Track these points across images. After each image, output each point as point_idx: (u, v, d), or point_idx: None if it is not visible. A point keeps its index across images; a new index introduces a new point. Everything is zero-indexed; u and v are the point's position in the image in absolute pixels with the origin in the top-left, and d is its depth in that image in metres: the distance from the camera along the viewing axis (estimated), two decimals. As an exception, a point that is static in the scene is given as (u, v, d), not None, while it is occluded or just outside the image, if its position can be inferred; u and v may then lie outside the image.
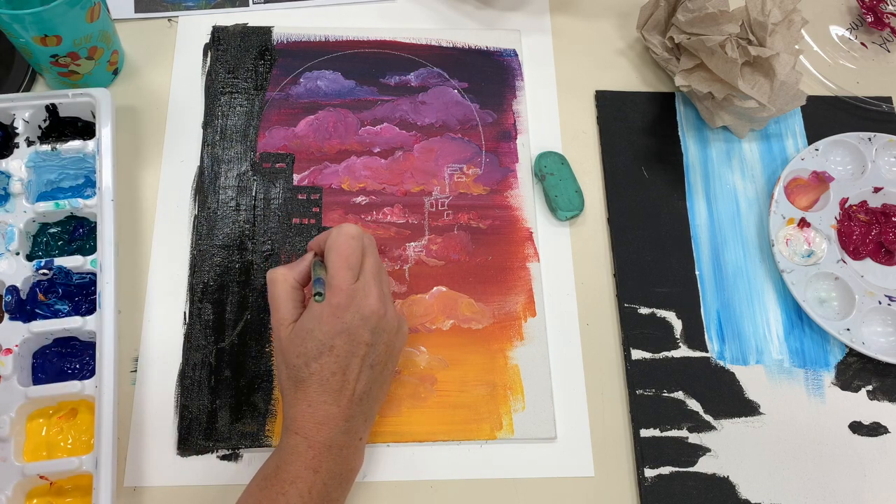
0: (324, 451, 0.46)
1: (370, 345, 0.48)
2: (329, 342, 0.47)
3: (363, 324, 0.47)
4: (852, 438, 0.58)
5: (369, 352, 0.48)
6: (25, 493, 0.51)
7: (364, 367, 0.48)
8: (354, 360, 0.47)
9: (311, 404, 0.47)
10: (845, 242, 0.63)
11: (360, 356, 0.47)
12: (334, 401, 0.47)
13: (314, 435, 0.46)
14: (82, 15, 0.56)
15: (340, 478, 0.47)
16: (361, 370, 0.47)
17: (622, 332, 0.59)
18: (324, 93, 0.66)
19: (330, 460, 0.46)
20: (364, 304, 0.47)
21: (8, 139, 0.59)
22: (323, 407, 0.46)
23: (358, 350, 0.47)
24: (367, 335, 0.47)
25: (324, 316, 0.47)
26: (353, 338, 0.47)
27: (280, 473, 0.45)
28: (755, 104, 0.62)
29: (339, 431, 0.47)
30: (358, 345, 0.47)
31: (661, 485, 0.55)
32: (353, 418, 0.47)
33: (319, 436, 0.46)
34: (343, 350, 0.47)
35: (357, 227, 0.50)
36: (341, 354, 0.47)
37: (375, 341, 0.48)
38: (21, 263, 0.55)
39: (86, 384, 0.52)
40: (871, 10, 0.74)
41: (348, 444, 0.47)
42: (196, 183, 0.62)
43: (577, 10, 0.73)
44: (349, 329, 0.47)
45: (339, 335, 0.47)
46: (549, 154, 0.65)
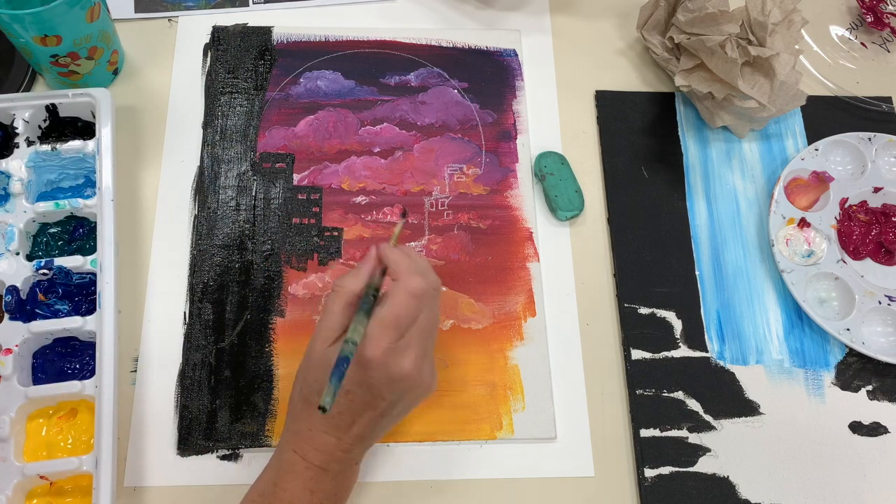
0: (320, 473, 0.45)
1: (390, 403, 0.45)
2: (347, 386, 0.44)
3: (389, 385, 0.44)
4: (852, 438, 0.58)
5: (386, 408, 0.46)
6: (25, 493, 0.51)
7: (377, 417, 0.46)
8: (368, 411, 0.45)
9: (313, 429, 0.46)
10: (845, 242, 0.63)
11: (376, 409, 0.45)
12: (336, 434, 0.45)
13: (312, 458, 0.45)
14: (82, 15, 0.56)
15: (335, 497, 0.47)
16: (373, 420, 0.46)
17: (622, 332, 0.59)
18: (324, 93, 0.66)
19: (326, 482, 0.46)
20: (396, 365, 0.44)
21: (8, 139, 0.59)
22: (323, 437, 0.45)
23: (375, 404, 0.45)
24: (389, 395, 0.45)
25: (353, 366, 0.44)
26: (373, 393, 0.45)
27: (277, 492, 0.45)
28: (755, 104, 0.62)
29: (336, 460, 0.46)
30: (376, 399, 0.45)
31: (661, 485, 0.55)
32: (352, 450, 0.46)
33: (317, 459, 0.45)
34: (359, 399, 0.45)
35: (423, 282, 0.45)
36: (356, 402, 0.45)
37: (397, 401, 0.46)
38: (21, 263, 0.55)
39: (86, 384, 0.52)
40: (871, 10, 0.74)
41: (345, 469, 0.47)
42: (196, 183, 0.62)
43: (577, 10, 0.73)
44: (371, 385, 0.44)
45: (360, 386, 0.44)
46: (549, 154, 0.65)
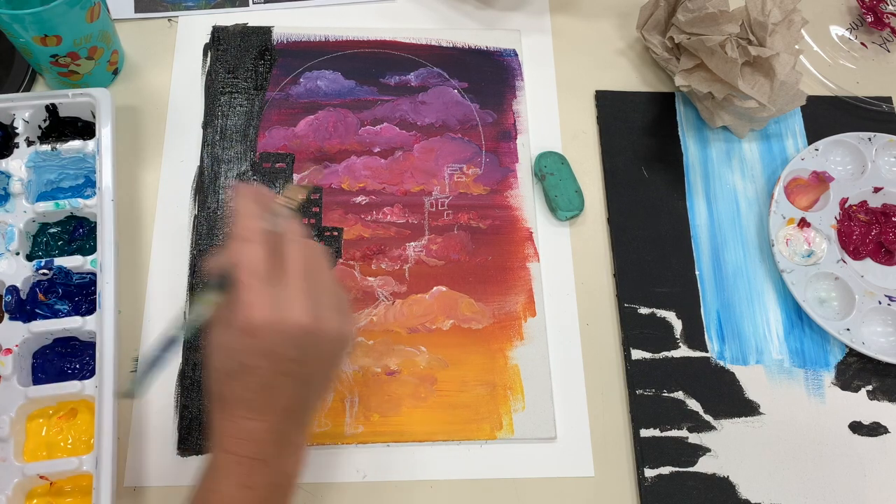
0: (256, 465, 0.41)
1: (298, 362, 0.41)
2: (245, 361, 0.40)
3: (287, 342, 0.40)
4: (852, 438, 0.58)
5: (297, 369, 0.41)
6: (25, 493, 0.51)
7: (294, 383, 0.42)
8: (279, 378, 0.41)
9: (233, 420, 0.41)
10: (845, 242, 0.63)
11: (287, 374, 0.41)
12: (258, 416, 0.41)
13: (240, 451, 0.41)
14: (82, 15, 0.56)
15: (279, 488, 0.43)
16: (290, 387, 0.42)
17: (622, 332, 0.59)
18: (324, 93, 0.66)
19: (263, 473, 0.42)
20: (285, 317, 0.39)
21: (8, 139, 0.59)
22: (246, 423, 0.41)
23: (283, 367, 0.41)
24: (292, 352, 0.40)
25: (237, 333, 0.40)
26: (276, 358, 0.40)
27: (211, 493, 0.41)
28: (755, 104, 0.62)
29: (268, 444, 0.42)
30: (284, 364, 0.41)
31: (661, 485, 0.55)
32: (282, 430, 0.42)
33: (247, 451, 0.41)
34: (266, 370, 0.40)
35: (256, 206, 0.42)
36: (264, 374, 0.40)
37: (305, 358, 0.41)
38: (21, 263, 0.55)
39: (86, 384, 0.52)
40: (871, 10, 0.74)
41: (281, 454, 0.43)
42: (196, 183, 0.62)
43: (577, 10, 0.73)
44: (271, 351, 0.40)
45: (259, 356, 0.40)
46: (549, 154, 0.65)
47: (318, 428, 0.55)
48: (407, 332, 0.58)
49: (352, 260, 0.60)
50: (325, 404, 0.56)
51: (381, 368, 0.57)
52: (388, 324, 0.58)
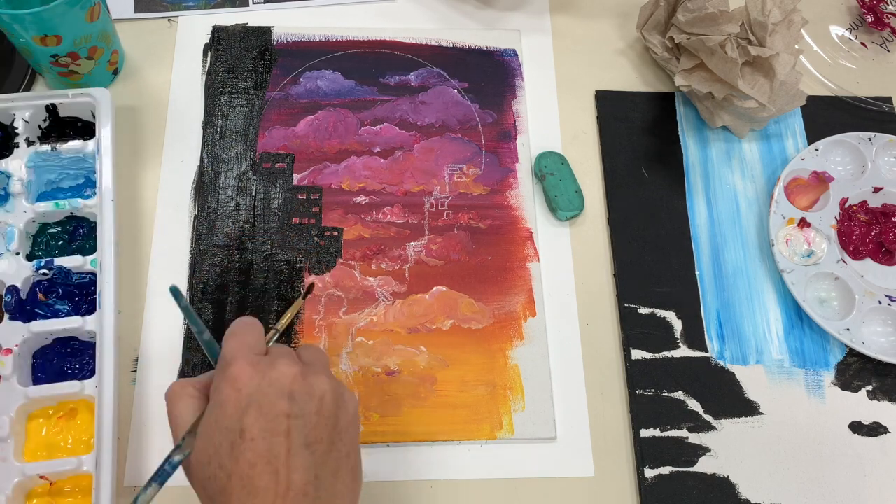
0: None
1: (292, 416, 0.37)
2: (236, 426, 0.36)
3: (274, 391, 0.37)
4: (852, 438, 0.58)
5: (294, 426, 0.37)
6: (25, 493, 0.51)
7: (294, 447, 0.36)
8: (276, 439, 0.36)
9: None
10: (845, 242, 0.63)
11: (282, 434, 0.36)
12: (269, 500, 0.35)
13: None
14: (82, 15, 0.56)
15: None
16: (292, 453, 0.36)
17: (622, 332, 0.59)
18: (324, 93, 0.66)
19: None
20: (270, 371, 0.38)
21: (8, 139, 0.59)
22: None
23: (278, 426, 0.36)
24: (283, 405, 0.37)
25: (224, 396, 0.37)
26: (265, 411, 0.37)
27: None
28: (755, 104, 0.62)
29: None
30: (275, 419, 0.36)
31: (661, 485, 0.55)
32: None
33: None
34: (258, 430, 0.36)
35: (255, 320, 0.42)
36: (257, 437, 0.36)
37: (299, 412, 0.37)
38: (21, 263, 0.55)
39: (86, 384, 0.52)
40: (871, 10, 0.74)
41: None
42: (196, 183, 0.62)
43: (577, 10, 0.73)
44: (257, 401, 0.37)
45: (246, 412, 0.36)
46: (549, 154, 0.65)
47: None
48: (407, 332, 0.58)
49: (352, 260, 0.60)
50: None
51: (381, 368, 0.57)
52: (388, 324, 0.58)
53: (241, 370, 0.38)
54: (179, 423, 0.39)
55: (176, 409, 0.40)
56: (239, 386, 0.37)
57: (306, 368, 0.39)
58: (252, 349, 0.40)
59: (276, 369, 0.38)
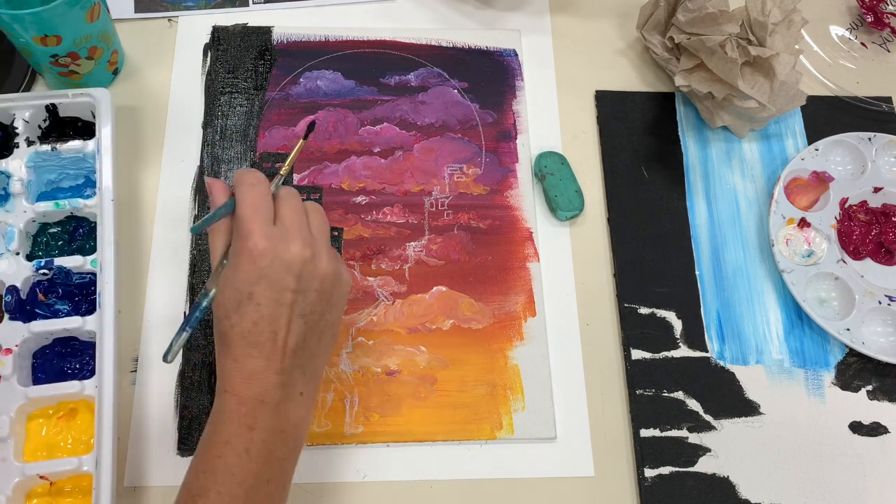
0: (256, 406, 0.42)
1: (297, 292, 0.44)
2: (247, 290, 0.43)
3: (285, 269, 0.43)
4: (852, 438, 0.58)
5: (297, 300, 0.44)
6: (25, 493, 0.51)
7: (293, 316, 0.44)
8: (280, 309, 0.43)
9: (237, 359, 0.43)
10: (845, 242, 0.63)
11: (286, 305, 0.43)
12: (261, 354, 0.43)
13: (243, 391, 0.42)
14: (82, 15, 0.56)
15: (283, 434, 0.43)
16: (291, 321, 0.44)
17: (622, 332, 0.59)
18: (324, 93, 0.66)
19: (266, 416, 0.43)
20: (284, 248, 0.43)
21: (8, 139, 0.59)
22: (249, 361, 0.43)
23: (283, 298, 0.43)
24: (291, 282, 0.43)
25: (241, 262, 0.43)
26: (274, 285, 0.43)
27: (214, 436, 0.42)
28: (755, 104, 0.62)
29: (271, 386, 0.43)
30: (282, 292, 0.43)
31: (661, 485, 0.55)
32: (286, 372, 0.44)
33: (249, 391, 0.42)
34: (265, 298, 0.43)
35: (258, 173, 0.46)
36: (263, 303, 0.43)
37: (304, 288, 0.44)
38: (21, 263, 0.55)
39: (86, 384, 0.52)
40: (871, 10, 0.74)
41: (286, 399, 0.44)
42: (196, 183, 0.62)
43: (577, 10, 0.73)
44: (269, 275, 0.43)
45: (259, 282, 0.43)
46: (549, 154, 0.65)
47: (318, 428, 0.55)
48: (407, 332, 0.58)
49: (352, 260, 0.60)
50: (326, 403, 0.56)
51: (381, 368, 0.57)
52: (388, 324, 0.58)
53: (257, 244, 0.43)
54: (214, 256, 0.47)
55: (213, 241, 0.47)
56: (255, 258, 0.43)
57: (315, 246, 0.45)
58: (265, 218, 0.44)
59: (289, 251, 0.44)
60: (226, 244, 0.47)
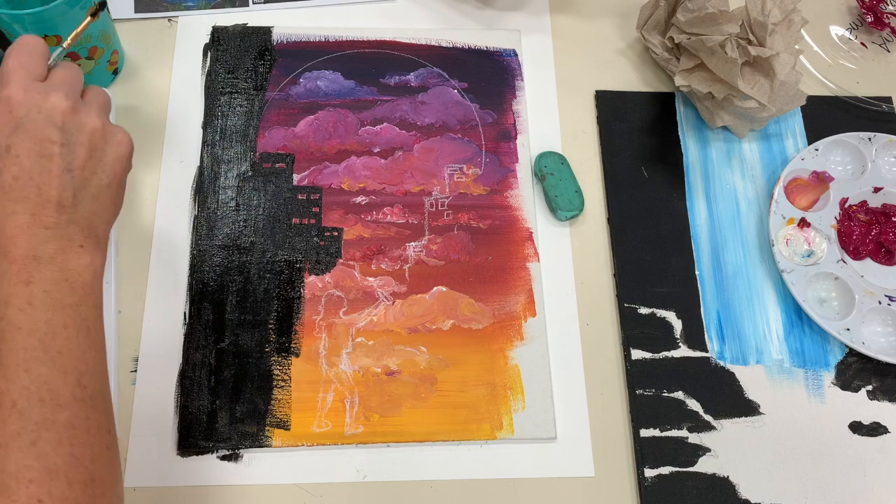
0: (29, 261, 0.40)
1: (61, 144, 0.41)
2: (4, 142, 0.41)
3: (45, 119, 0.41)
4: (852, 438, 0.58)
5: (62, 153, 0.41)
6: (25, 493, 0.51)
7: (58, 171, 0.41)
8: (42, 161, 0.41)
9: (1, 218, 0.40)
10: (845, 242, 0.63)
11: (46, 157, 0.41)
12: (24, 209, 0.40)
13: (11, 248, 0.40)
14: (82, 15, 0.56)
15: (67, 283, 0.41)
16: (54, 174, 0.41)
17: (622, 332, 0.59)
18: (324, 93, 0.66)
19: (42, 269, 0.40)
20: (43, 98, 0.41)
21: (8, 139, 0.59)
22: (12, 218, 0.40)
23: (45, 150, 0.41)
24: (54, 133, 0.41)
25: None
26: (34, 135, 0.41)
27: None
28: (755, 104, 0.62)
29: (41, 240, 0.41)
30: (43, 143, 0.41)
31: (661, 485, 0.55)
32: (58, 226, 0.41)
33: (17, 249, 0.40)
34: (24, 149, 0.41)
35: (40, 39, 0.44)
36: (22, 154, 0.41)
37: (68, 141, 0.42)
38: (21, 263, 0.55)
39: (86, 384, 0.52)
40: (871, 10, 0.74)
41: (62, 251, 0.41)
42: (196, 183, 0.62)
43: (577, 10, 0.73)
44: (26, 126, 0.41)
45: (16, 132, 0.41)
46: (549, 154, 0.65)
47: (318, 428, 0.55)
48: (407, 333, 0.58)
49: (352, 260, 0.60)
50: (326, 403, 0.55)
51: (381, 368, 0.57)
52: (388, 324, 0.58)
53: (13, 93, 0.41)
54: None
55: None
56: (10, 108, 0.41)
57: (81, 105, 0.43)
58: (30, 73, 0.42)
59: (48, 100, 0.42)
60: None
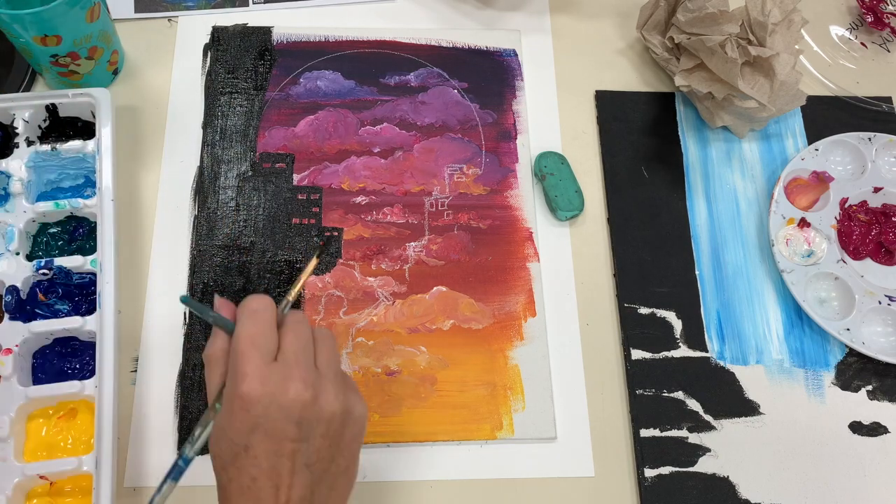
0: None
1: (298, 440, 0.38)
2: (242, 442, 0.38)
3: (283, 417, 0.38)
4: (852, 438, 0.58)
5: (299, 449, 0.38)
6: (25, 493, 0.51)
7: (297, 468, 0.38)
8: (280, 460, 0.38)
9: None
10: (845, 242, 0.63)
11: (286, 455, 0.38)
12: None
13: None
14: (82, 15, 0.56)
15: None
16: (294, 472, 0.38)
17: (622, 332, 0.59)
18: (324, 93, 0.66)
19: None
20: (282, 391, 0.38)
21: (8, 139, 0.59)
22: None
23: (282, 448, 0.38)
24: (291, 430, 0.38)
25: (233, 409, 0.38)
26: (272, 435, 0.38)
27: None
28: (755, 104, 0.62)
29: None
30: (281, 442, 0.38)
31: (661, 485, 0.55)
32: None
33: None
34: (262, 451, 0.38)
35: (265, 299, 0.42)
36: (260, 456, 0.38)
37: (306, 436, 0.39)
38: (21, 263, 0.55)
39: (86, 384, 0.52)
40: (871, 10, 0.74)
41: None
42: (196, 183, 0.62)
43: (577, 10, 0.73)
44: (264, 425, 0.38)
45: (254, 433, 0.38)
46: (549, 154, 0.65)
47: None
48: (407, 332, 0.58)
49: (352, 260, 0.60)
50: None
51: (381, 368, 0.57)
52: (388, 324, 0.58)
53: (251, 390, 0.38)
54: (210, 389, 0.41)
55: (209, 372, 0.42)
56: (248, 406, 0.38)
57: (318, 385, 0.40)
58: (264, 354, 0.39)
59: (287, 394, 0.38)
60: (223, 377, 0.41)
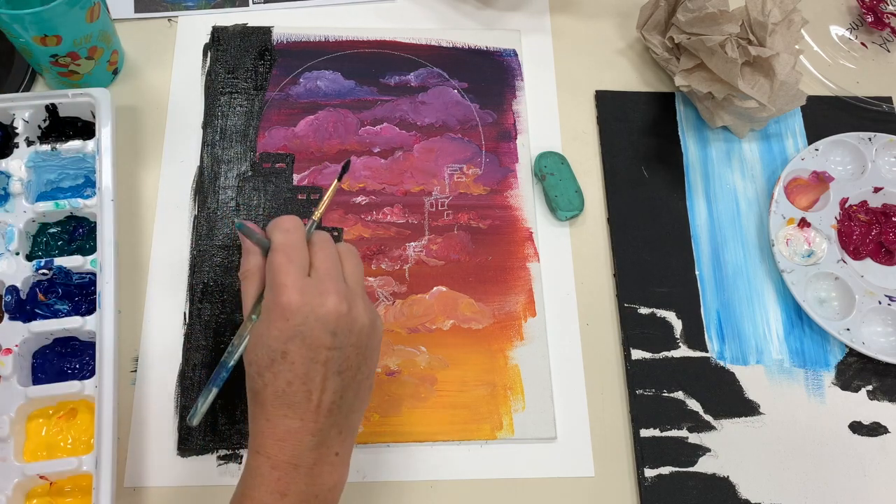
0: (290, 470, 0.40)
1: (332, 349, 0.42)
2: (280, 348, 0.41)
3: (320, 326, 0.41)
4: (852, 438, 0.58)
5: (332, 356, 0.42)
6: (25, 493, 0.51)
7: (329, 374, 0.42)
8: (315, 366, 0.41)
9: (270, 419, 0.41)
10: (845, 242, 0.63)
11: (321, 362, 0.41)
12: (295, 414, 0.41)
13: (277, 454, 0.41)
14: (82, 15, 0.56)
15: (316, 500, 0.42)
16: (326, 378, 0.41)
17: (622, 332, 0.59)
18: (324, 93, 0.66)
19: (299, 481, 0.41)
20: (318, 302, 0.41)
21: (8, 139, 0.59)
22: (283, 421, 0.41)
23: (318, 356, 0.41)
24: (326, 339, 0.41)
25: (273, 318, 0.41)
26: (309, 343, 0.41)
27: (245, 500, 0.41)
28: (755, 104, 0.62)
29: (305, 448, 0.41)
30: (317, 350, 0.41)
31: (661, 485, 0.55)
32: (321, 432, 0.42)
33: (283, 454, 0.41)
34: (299, 356, 0.41)
35: (295, 219, 0.45)
36: (297, 361, 0.41)
37: (339, 344, 0.42)
38: (21, 263, 0.55)
39: (86, 384, 0.52)
40: (871, 10, 0.74)
41: (320, 461, 0.42)
42: (196, 183, 0.62)
43: (577, 10, 0.73)
44: (303, 333, 0.41)
45: (292, 340, 0.41)
46: (549, 154, 0.65)
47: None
48: (407, 332, 0.58)
49: (352, 260, 0.60)
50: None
51: (381, 368, 0.57)
52: (388, 324, 0.58)
53: (291, 300, 0.41)
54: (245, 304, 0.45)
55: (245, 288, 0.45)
56: (288, 315, 0.41)
57: (350, 298, 0.43)
58: (300, 268, 0.43)
59: (325, 306, 0.41)
60: (258, 291, 0.45)
